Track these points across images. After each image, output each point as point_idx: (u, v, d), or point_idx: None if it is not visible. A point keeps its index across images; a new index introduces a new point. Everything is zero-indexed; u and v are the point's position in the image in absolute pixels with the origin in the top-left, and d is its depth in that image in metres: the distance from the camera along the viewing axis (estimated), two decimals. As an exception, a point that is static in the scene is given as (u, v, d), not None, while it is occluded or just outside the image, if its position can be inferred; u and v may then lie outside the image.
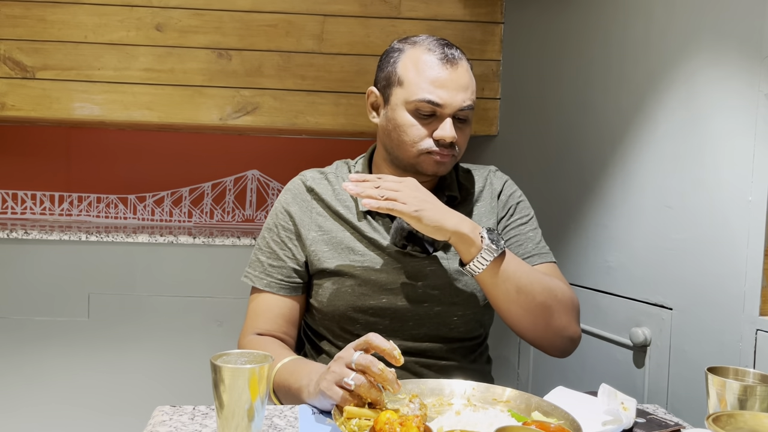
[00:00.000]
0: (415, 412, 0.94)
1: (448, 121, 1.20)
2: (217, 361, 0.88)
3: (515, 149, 2.34)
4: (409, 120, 1.21)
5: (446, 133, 1.19)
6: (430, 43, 1.23)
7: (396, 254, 1.26)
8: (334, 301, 1.26)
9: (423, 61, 1.21)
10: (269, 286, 1.29)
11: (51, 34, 2.37)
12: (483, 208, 1.33)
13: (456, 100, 1.20)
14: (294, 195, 1.32)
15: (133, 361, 2.41)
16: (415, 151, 1.22)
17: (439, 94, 1.19)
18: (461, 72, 1.21)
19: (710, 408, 0.92)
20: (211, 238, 2.47)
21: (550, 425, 0.87)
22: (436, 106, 1.19)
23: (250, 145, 2.97)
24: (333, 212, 1.30)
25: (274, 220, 1.33)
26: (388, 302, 1.24)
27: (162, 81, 2.40)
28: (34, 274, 2.39)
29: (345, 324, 1.27)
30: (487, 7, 2.47)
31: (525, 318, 1.18)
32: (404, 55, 1.23)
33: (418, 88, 1.20)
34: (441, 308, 1.26)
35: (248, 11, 2.41)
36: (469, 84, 1.22)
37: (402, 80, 1.22)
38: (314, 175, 1.35)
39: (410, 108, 1.21)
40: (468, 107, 1.21)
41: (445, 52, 1.21)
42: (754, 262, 1.28)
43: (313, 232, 1.29)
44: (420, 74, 1.20)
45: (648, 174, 1.60)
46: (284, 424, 1.00)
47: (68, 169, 2.90)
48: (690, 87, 1.47)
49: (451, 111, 1.20)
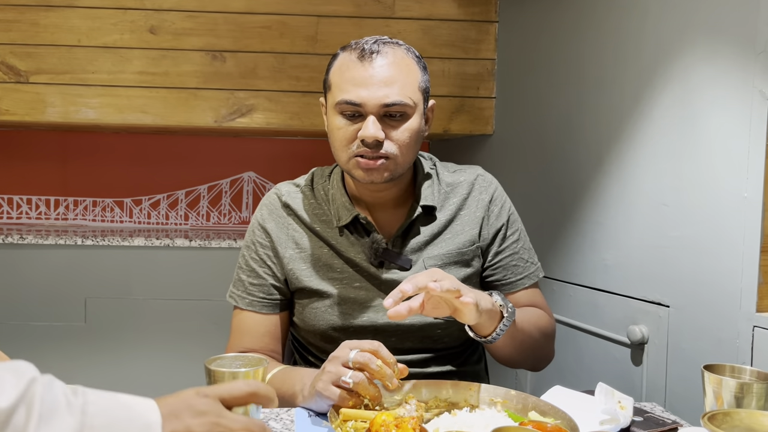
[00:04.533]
0: (411, 413, 0.93)
1: (369, 119, 1.12)
2: (211, 365, 0.88)
3: (511, 148, 2.34)
4: (337, 123, 1.16)
5: (367, 132, 1.11)
6: (360, 42, 1.17)
7: (373, 271, 1.22)
8: (314, 321, 1.24)
9: (345, 62, 1.16)
10: (252, 305, 1.26)
11: (44, 38, 2.36)
12: (467, 217, 1.27)
13: (376, 96, 1.11)
14: (270, 211, 1.28)
15: (130, 365, 2.40)
16: (345, 156, 1.16)
17: (358, 92, 1.12)
18: (385, 66, 1.13)
19: (707, 406, 0.92)
20: (208, 240, 2.46)
21: (547, 425, 0.87)
22: (356, 106, 1.13)
23: (245, 147, 2.96)
24: (309, 229, 1.26)
25: (251, 237, 1.29)
26: (368, 320, 1.22)
27: (156, 84, 2.40)
28: (31, 278, 2.38)
29: (327, 342, 1.24)
30: (482, 6, 2.47)
31: (517, 357, 1.24)
32: (336, 60, 1.19)
33: (339, 90, 1.15)
34: (423, 322, 1.23)
35: (242, 13, 2.41)
36: (397, 77, 1.13)
37: (330, 84, 1.18)
38: (289, 189, 1.30)
39: (336, 111, 1.15)
40: (397, 102, 1.12)
41: (367, 48, 1.14)
42: (751, 259, 1.28)
43: (290, 250, 1.25)
44: (342, 75, 1.15)
45: (643, 172, 1.60)
46: (280, 427, 1.00)
47: (64, 173, 2.89)
48: (684, 84, 1.47)
49: (373, 108, 1.12)
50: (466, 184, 1.29)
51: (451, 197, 1.28)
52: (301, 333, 1.30)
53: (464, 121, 2.47)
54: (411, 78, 1.15)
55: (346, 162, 1.17)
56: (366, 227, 1.23)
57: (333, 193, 1.26)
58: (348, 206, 1.23)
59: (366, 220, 1.22)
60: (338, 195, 1.25)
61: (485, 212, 1.28)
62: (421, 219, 1.25)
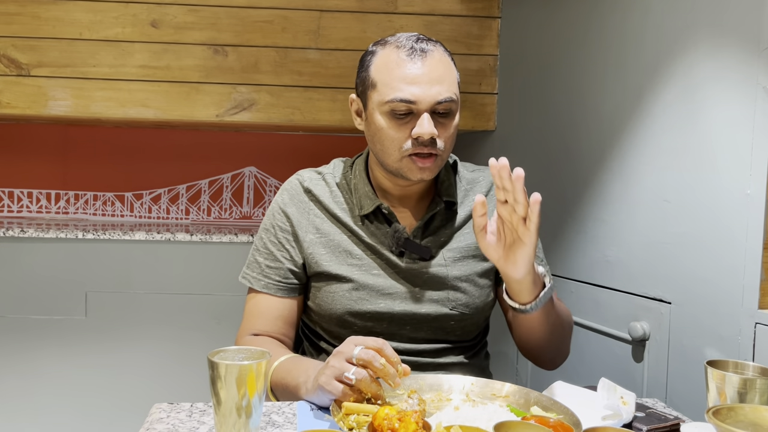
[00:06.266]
0: (413, 407, 0.93)
1: (424, 117, 1.14)
2: (214, 357, 0.88)
3: (513, 144, 2.34)
4: (387, 123, 1.16)
5: (424, 130, 1.13)
6: (399, 39, 1.17)
7: (394, 259, 1.24)
8: (331, 305, 1.25)
9: (391, 59, 1.16)
10: (267, 288, 1.27)
11: (46, 31, 2.35)
12: None
13: (430, 93, 1.13)
14: (291, 196, 1.30)
15: (131, 359, 2.40)
16: (397, 155, 1.17)
17: (412, 91, 1.13)
18: (434, 64, 1.15)
19: (710, 402, 0.92)
20: (209, 235, 2.46)
21: (550, 420, 0.87)
22: (410, 104, 1.13)
23: (246, 141, 2.96)
24: (331, 215, 1.27)
25: (271, 220, 1.30)
26: (385, 307, 1.23)
27: (158, 78, 2.39)
28: (31, 272, 2.38)
29: (342, 327, 1.26)
30: (484, 2, 2.47)
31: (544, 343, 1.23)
32: (376, 57, 1.19)
33: (389, 88, 1.14)
34: (438, 313, 1.25)
35: (244, 7, 2.40)
36: (445, 75, 1.16)
37: (375, 83, 1.17)
38: (311, 176, 1.31)
39: (385, 110, 1.15)
40: (447, 99, 1.14)
41: (414, 46, 1.15)
42: (753, 256, 1.28)
43: (310, 234, 1.26)
44: (390, 73, 1.15)
45: (646, 168, 1.59)
46: (282, 421, 1.00)
47: (64, 166, 2.89)
48: (688, 80, 1.46)
49: (427, 106, 1.14)
50: (485, 183, 1.34)
51: (470, 194, 1.32)
52: (314, 318, 1.31)
53: (466, 117, 2.46)
54: (453, 75, 1.19)
55: (398, 161, 1.18)
56: (387, 217, 1.25)
57: (356, 183, 1.28)
58: (371, 196, 1.25)
59: (388, 210, 1.24)
60: (361, 185, 1.27)
61: None
62: (442, 212, 1.28)
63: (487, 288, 1.29)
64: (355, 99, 1.25)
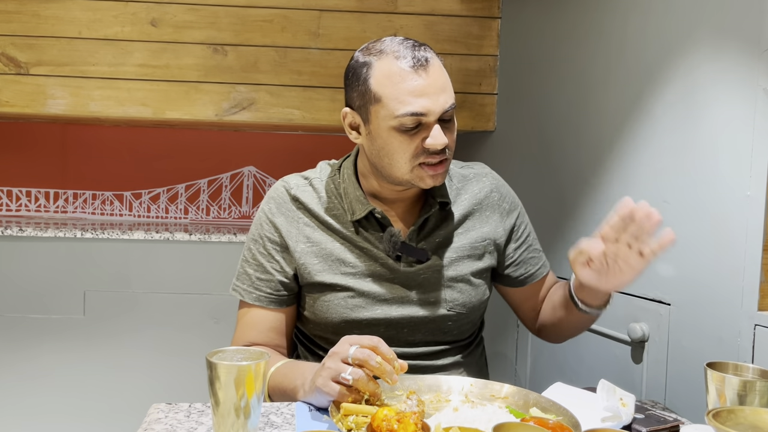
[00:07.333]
0: (412, 408, 0.93)
1: (436, 128, 1.12)
2: (213, 358, 0.88)
3: (512, 145, 2.34)
4: (396, 137, 1.13)
5: (437, 141, 1.12)
6: (396, 49, 1.13)
7: (389, 263, 1.22)
8: (327, 314, 1.23)
9: (395, 72, 1.12)
10: (259, 300, 1.25)
11: (45, 30, 2.35)
12: (478, 214, 1.30)
13: (438, 103, 1.12)
14: (278, 204, 1.26)
15: (129, 359, 2.40)
16: (407, 167, 1.15)
17: (422, 103, 1.11)
18: (436, 72, 1.13)
19: (709, 404, 0.92)
20: (208, 234, 2.46)
21: (549, 421, 0.87)
22: (420, 116, 1.11)
23: (246, 141, 2.95)
24: (321, 222, 1.24)
25: (259, 230, 1.26)
26: (382, 313, 1.22)
27: (157, 77, 2.39)
28: (29, 271, 2.38)
29: (338, 334, 1.21)
30: (484, 2, 2.46)
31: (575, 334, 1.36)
32: (374, 69, 1.14)
33: (397, 103, 1.11)
34: (435, 314, 1.24)
35: (244, 6, 2.40)
36: (446, 82, 1.15)
37: (379, 97, 1.13)
38: (298, 182, 1.27)
39: (394, 125, 1.12)
40: (452, 107, 1.14)
41: (416, 56, 1.12)
42: (753, 258, 1.28)
43: (301, 244, 1.23)
44: (396, 87, 1.11)
45: (646, 169, 1.59)
46: (281, 422, 1.00)
47: (63, 165, 2.88)
48: (688, 81, 1.46)
49: (437, 116, 1.12)
50: (476, 181, 1.33)
51: (463, 193, 1.31)
52: (309, 327, 1.30)
53: (466, 117, 2.46)
54: (449, 80, 1.17)
55: (409, 172, 1.16)
56: (381, 221, 1.23)
57: (345, 187, 1.25)
58: (362, 200, 1.22)
59: (382, 214, 1.22)
60: (351, 189, 1.24)
61: (497, 210, 1.32)
62: (436, 213, 1.27)
63: (482, 287, 1.29)
64: (349, 112, 1.20)
